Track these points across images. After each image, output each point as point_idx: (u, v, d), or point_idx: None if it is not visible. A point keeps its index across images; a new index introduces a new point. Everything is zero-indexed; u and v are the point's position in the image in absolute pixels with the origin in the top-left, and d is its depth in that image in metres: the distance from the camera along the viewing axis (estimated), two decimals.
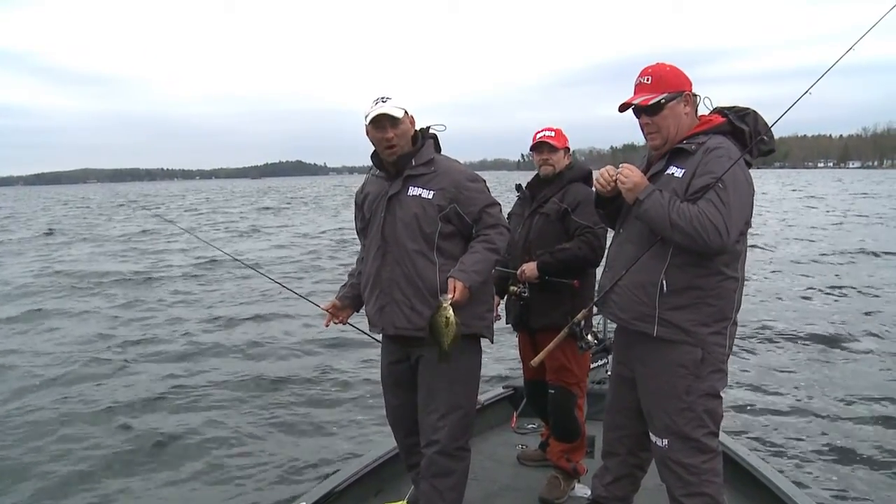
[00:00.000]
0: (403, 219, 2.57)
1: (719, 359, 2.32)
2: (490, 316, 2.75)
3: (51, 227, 28.53)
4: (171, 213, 36.04)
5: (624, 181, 2.31)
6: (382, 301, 2.62)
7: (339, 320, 2.87)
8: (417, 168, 2.61)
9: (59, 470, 4.72)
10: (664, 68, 2.37)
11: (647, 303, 2.31)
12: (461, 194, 2.58)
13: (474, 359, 2.70)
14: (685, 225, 2.15)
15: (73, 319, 9.89)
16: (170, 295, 11.70)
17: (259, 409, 5.97)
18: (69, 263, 16.15)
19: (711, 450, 2.35)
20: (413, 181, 2.60)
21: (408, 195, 2.58)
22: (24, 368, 7.19)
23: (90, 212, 42.61)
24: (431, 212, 2.55)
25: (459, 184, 2.59)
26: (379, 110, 2.52)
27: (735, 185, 2.19)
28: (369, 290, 2.69)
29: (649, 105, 2.33)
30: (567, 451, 3.29)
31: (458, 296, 2.41)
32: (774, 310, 9.72)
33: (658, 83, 2.34)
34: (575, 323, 2.68)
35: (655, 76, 2.35)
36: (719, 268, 2.26)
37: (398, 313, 2.59)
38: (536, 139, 3.29)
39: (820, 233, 20.51)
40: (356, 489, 3.20)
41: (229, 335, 8.75)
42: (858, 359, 7.32)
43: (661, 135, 2.37)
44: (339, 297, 2.86)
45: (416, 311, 2.56)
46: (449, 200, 2.56)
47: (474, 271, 2.49)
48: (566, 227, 3.15)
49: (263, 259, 15.73)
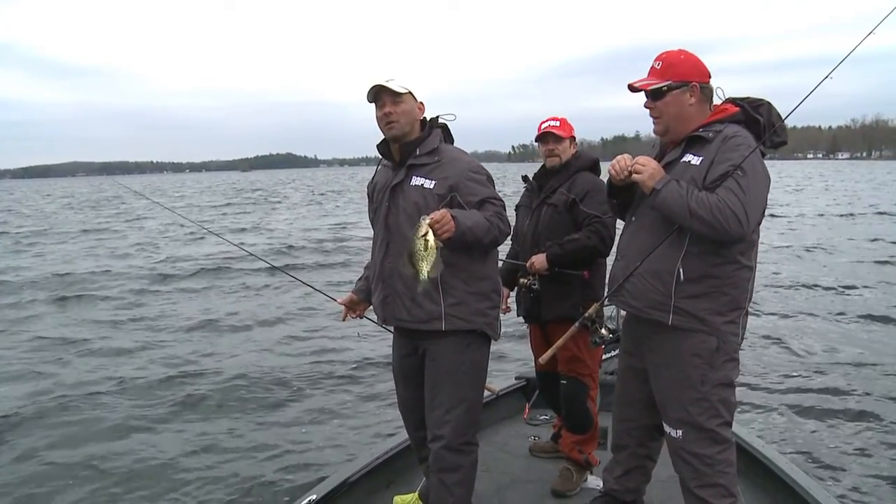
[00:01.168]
0: (406, 209, 2.52)
1: (733, 348, 2.31)
2: (493, 312, 2.63)
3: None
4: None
5: (640, 171, 2.29)
6: (386, 292, 2.60)
7: (357, 314, 2.85)
8: (421, 157, 2.55)
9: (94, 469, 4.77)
10: (677, 56, 2.35)
11: (662, 291, 2.28)
12: (462, 184, 2.49)
13: (479, 353, 2.61)
14: (705, 213, 2.12)
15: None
16: (178, 293, 11.73)
17: (269, 402, 6.01)
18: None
19: (726, 440, 2.33)
20: (416, 171, 2.54)
21: (410, 185, 2.53)
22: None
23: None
24: (433, 202, 2.48)
25: (462, 174, 2.50)
26: (376, 81, 2.48)
27: (754, 174, 2.17)
28: (375, 281, 2.67)
29: (651, 90, 2.33)
30: (579, 443, 3.27)
31: (439, 216, 2.26)
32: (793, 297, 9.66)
33: (667, 70, 2.32)
34: (586, 317, 2.65)
35: (666, 63, 2.33)
36: (735, 256, 2.25)
37: (399, 305, 2.56)
38: (541, 129, 3.24)
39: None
40: (367, 481, 3.20)
41: (239, 331, 8.81)
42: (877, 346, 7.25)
43: (662, 121, 2.35)
44: (355, 291, 2.85)
45: (416, 302, 2.51)
46: (449, 189, 2.48)
47: (465, 219, 2.34)
48: (574, 217, 3.12)
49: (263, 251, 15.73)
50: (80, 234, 22.59)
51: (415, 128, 2.58)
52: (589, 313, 2.64)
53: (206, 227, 11.43)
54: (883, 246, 15.40)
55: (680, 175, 2.25)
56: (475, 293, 2.52)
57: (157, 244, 18.89)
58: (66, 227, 26.06)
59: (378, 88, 2.50)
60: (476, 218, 2.40)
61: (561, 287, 3.11)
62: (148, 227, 23.95)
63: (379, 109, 2.53)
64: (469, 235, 2.36)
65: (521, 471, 3.46)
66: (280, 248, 16.85)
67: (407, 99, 2.53)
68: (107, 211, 35.58)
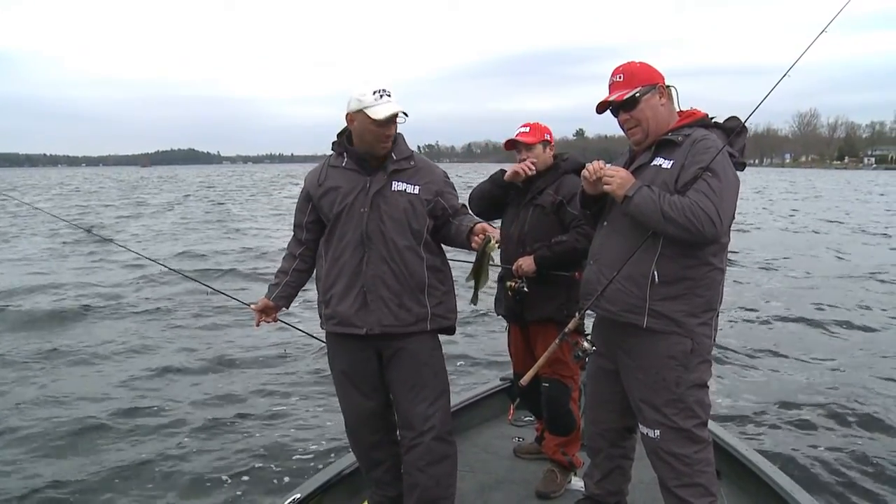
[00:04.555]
0: (392, 215, 2.55)
1: (706, 349, 2.34)
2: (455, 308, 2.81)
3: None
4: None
5: (609, 181, 2.30)
6: (367, 299, 2.57)
7: (270, 319, 2.88)
8: (400, 162, 2.60)
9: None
10: (634, 65, 2.40)
11: (637, 294, 2.30)
12: (444, 190, 2.64)
13: (441, 348, 2.75)
14: (677, 216, 2.15)
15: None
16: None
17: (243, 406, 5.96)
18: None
19: (703, 440, 2.36)
20: (397, 176, 2.59)
21: (392, 190, 2.57)
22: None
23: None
24: (420, 207, 2.57)
25: (441, 180, 2.65)
26: (395, 108, 2.49)
27: (724, 176, 2.20)
28: (343, 288, 2.61)
29: (625, 100, 2.35)
30: (562, 445, 3.28)
31: (500, 236, 2.48)
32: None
33: (630, 79, 2.36)
34: (566, 333, 2.62)
35: (627, 73, 2.38)
36: (708, 258, 2.28)
37: (385, 311, 2.56)
38: (508, 140, 3.25)
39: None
40: (351, 480, 3.19)
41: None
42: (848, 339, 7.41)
43: (641, 128, 2.38)
44: (274, 298, 2.82)
45: (404, 307, 2.56)
46: (434, 194, 2.60)
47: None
48: (562, 219, 3.12)
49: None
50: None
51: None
52: (569, 328, 2.61)
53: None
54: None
55: (651, 179, 2.28)
56: (448, 291, 2.64)
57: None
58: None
59: (396, 114, 2.51)
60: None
61: (547, 289, 3.10)
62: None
63: (382, 129, 2.51)
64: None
65: (505, 472, 3.48)
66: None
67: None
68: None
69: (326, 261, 2.67)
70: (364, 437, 2.81)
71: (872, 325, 8.51)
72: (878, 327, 8.44)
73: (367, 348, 2.65)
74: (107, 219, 24.19)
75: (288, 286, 2.81)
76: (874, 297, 10.19)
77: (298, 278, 2.82)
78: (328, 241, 2.67)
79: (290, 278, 2.81)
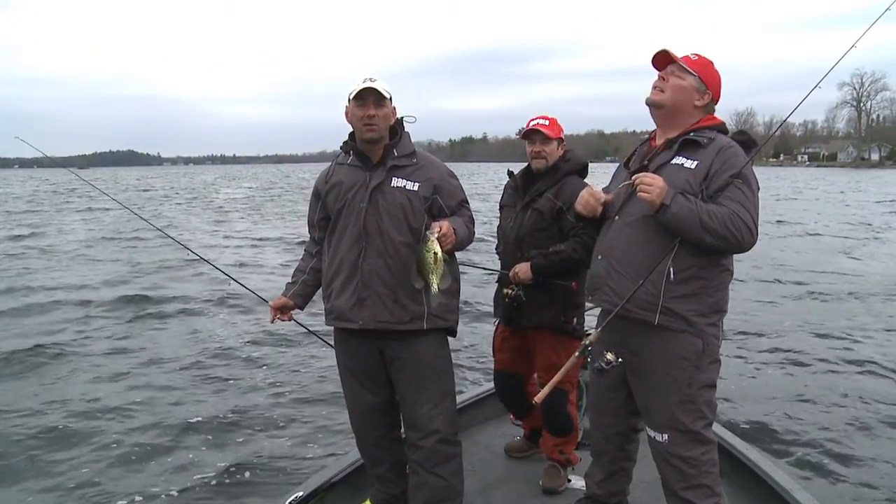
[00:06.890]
0: (389, 210, 2.55)
1: (716, 349, 2.34)
2: (457, 308, 2.77)
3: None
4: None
5: (648, 190, 2.20)
6: (364, 294, 2.56)
7: (286, 317, 2.89)
8: (401, 159, 2.60)
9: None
10: (712, 65, 2.39)
11: (651, 291, 2.26)
12: (444, 187, 2.62)
13: (448, 347, 2.74)
14: (718, 226, 2.13)
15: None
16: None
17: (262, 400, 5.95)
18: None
19: (710, 441, 2.36)
20: (396, 172, 2.59)
21: (391, 186, 2.57)
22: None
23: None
24: (418, 203, 2.56)
25: (443, 177, 2.64)
26: (367, 84, 2.51)
27: (754, 184, 2.21)
28: (341, 282, 2.61)
29: (681, 65, 2.33)
30: (560, 444, 3.27)
31: (446, 229, 2.40)
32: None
33: (701, 67, 2.36)
34: (587, 346, 2.44)
35: (703, 62, 2.37)
36: (720, 260, 2.28)
37: (380, 306, 2.55)
38: (529, 126, 3.11)
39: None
40: (354, 478, 3.19)
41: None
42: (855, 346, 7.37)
43: (663, 96, 2.34)
44: (291, 296, 2.85)
45: (399, 303, 2.55)
46: (432, 191, 2.59)
47: (458, 228, 2.51)
48: (561, 226, 3.02)
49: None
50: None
51: (387, 130, 2.61)
52: (588, 342, 2.43)
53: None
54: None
55: (672, 177, 2.24)
56: (447, 292, 2.57)
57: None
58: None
59: (367, 90, 2.51)
60: (460, 225, 2.55)
61: (544, 295, 3.03)
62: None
63: (360, 109, 2.53)
64: (463, 244, 2.56)
65: (507, 470, 3.47)
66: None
67: (387, 103, 2.56)
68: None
69: (328, 255, 2.70)
70: (367, 433, 2.82)
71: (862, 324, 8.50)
72: (875, 327, 8.43)
73: (368, 344, 2.65)
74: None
75: (305, 284, 2.84)
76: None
77: (315, 277, 2.83)
78: (331, 235, 2.69)
79: (308, 277, 2.84)
